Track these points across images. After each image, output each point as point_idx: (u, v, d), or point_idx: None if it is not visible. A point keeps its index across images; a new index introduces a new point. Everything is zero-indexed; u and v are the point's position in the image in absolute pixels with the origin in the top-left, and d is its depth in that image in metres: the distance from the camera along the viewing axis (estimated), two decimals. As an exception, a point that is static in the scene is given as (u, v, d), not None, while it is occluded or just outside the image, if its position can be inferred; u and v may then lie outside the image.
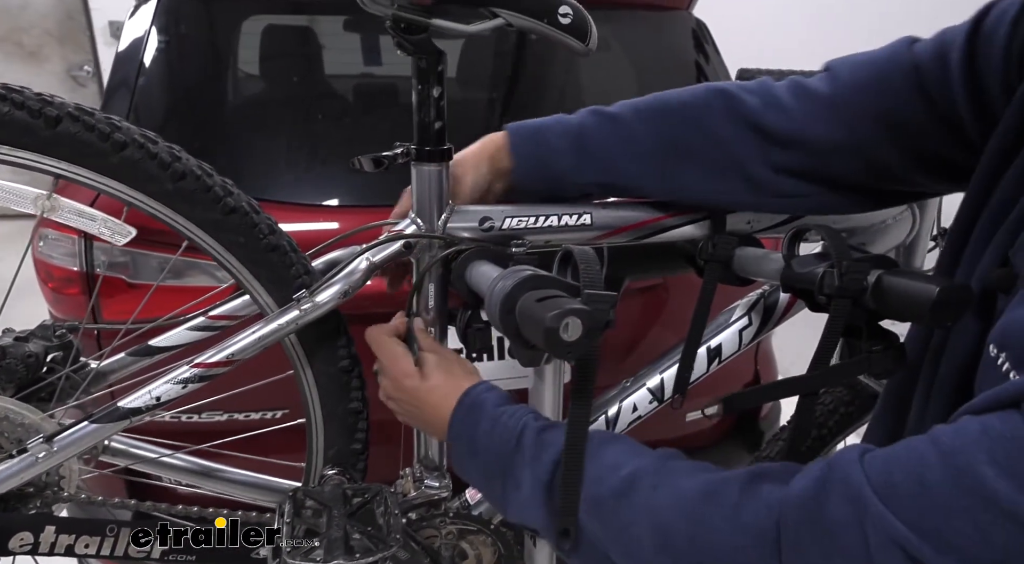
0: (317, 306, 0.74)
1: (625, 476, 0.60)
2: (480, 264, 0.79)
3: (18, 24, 5.11)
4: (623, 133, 0.81)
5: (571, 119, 0.83)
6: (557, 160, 0.82)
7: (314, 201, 1.42)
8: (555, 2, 0.75)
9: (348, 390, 0.82)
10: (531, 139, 0.82)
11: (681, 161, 0.79)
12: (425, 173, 0.79)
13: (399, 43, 0.74)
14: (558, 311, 0.53)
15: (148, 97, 1.47)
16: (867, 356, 0.67)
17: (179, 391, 0.71)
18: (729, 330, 0.94)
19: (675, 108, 0.81)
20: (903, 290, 0.63)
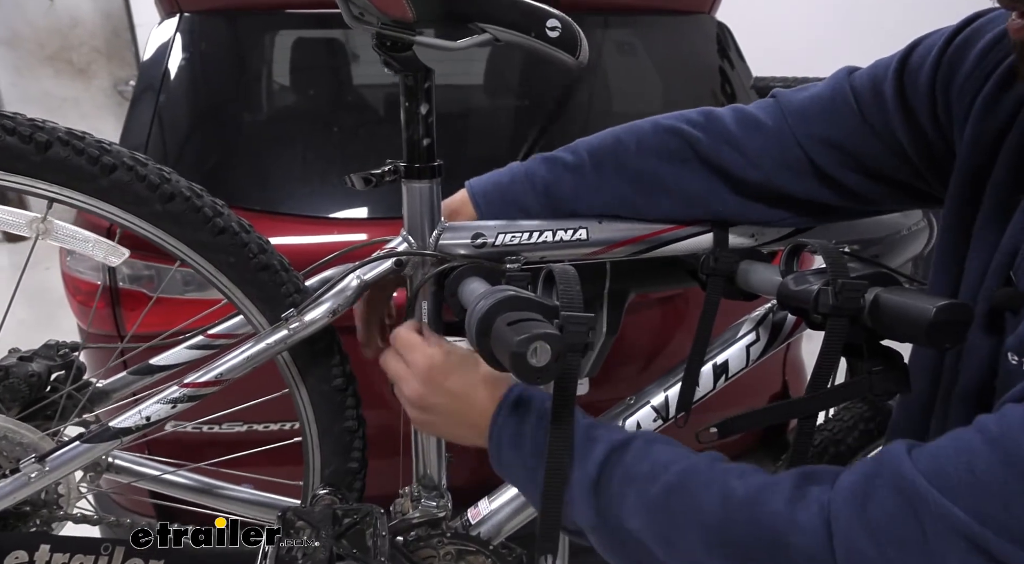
0: (306, 325, 0.74)
1: (676, 472, 0.59)
2: (472, 281, 0.79)
3: (68, 42, 5.30)
4: (588, 182, 0.82)
5: (532, 173, 0.83)
6: (531, 216, 0.83)
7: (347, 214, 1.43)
8: (542, 16, 0.74)
9: (343, 408, 0.82)
10: (499, 201, 0.84)
11: (649, 195, 0.82)
12: (415, 190, 0.78)
13: (385, 61, 0.73)
14: (526, 335, 0.52)
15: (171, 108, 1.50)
16: (867, 377, 0.64)
17: (169, 410, 0.72)
18: (736, 346, 0.91)
19: (631, 153, 0.82)
20: (900, 309, 0.60)
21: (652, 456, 0.61)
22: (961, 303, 0.57)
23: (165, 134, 1.49)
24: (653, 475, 0.60)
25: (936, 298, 0.58)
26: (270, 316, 0.77)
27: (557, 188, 0.82)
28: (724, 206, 0.81)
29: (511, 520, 0.90)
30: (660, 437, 0.65)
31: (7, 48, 5.13)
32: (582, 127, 1.78)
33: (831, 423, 1.00)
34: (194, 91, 1.55)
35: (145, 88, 1.51)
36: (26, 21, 5.12)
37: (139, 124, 1.47)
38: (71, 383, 0.80)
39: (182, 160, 1.49)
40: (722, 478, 0.57)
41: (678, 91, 1.83)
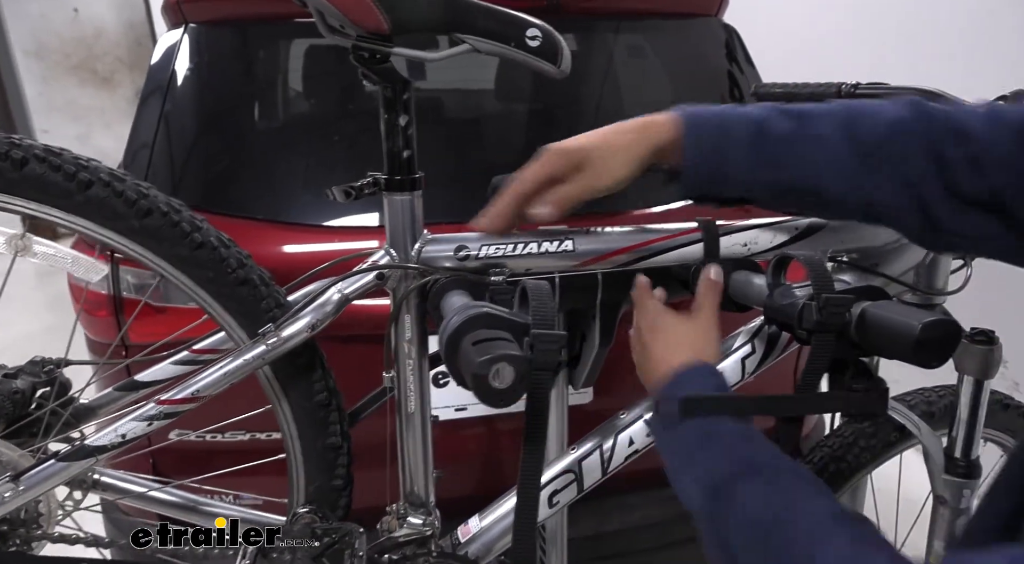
0: (284, 340, 0.73)
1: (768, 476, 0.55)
2: (454, 294, 0.77)
3: (92, 52, 5.39)
4: (807, 132, 0.68)
5: (750, 111, 0.71)
6: (733, 154, 0.69)
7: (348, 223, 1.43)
8: (522, 25, 0.72)
9: (326, 425, 0.81)
10: (714, 129, 0.70)
11: (872, 172, 0.67)
12: (397, 203, 0.77)
13: (363, 74, 0.73)
14: (487, 357, 0.51)
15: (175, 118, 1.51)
16: (846, 394, 0.62)
17: (145, 428, 0.71)
18: (731, 359, 0.88)
19: (865, 117, 0.68)
20: (886, 325, 0.58)
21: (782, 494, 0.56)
22: (948, 319, 0.55)
23: (170, 146, 1.50)
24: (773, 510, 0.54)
25: (923, 313, 0.56)
26: (250, 331, 0.76)
27: (770, 126, 0.69)
28: (935, 211, 0.66)
29: (502, 538, 0.88)
30: (807, 477, 0.58)
31: (34, 59, 5.24)
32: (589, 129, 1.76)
33: (832, 439, 0.97)
34: (199, 101, 1.55)
35: (150, 97, 1.52)
36: (52, 32, 5.22)
37: (142, 138, 1.48)
38: (54, 400, 0.80)
39: (187, 171, 1.50)
40: (812, 502, 0.52)
41: (686, 94, 1.81)
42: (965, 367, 0.88)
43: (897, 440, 0.96)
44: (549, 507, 0.87)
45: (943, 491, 0.92)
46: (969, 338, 0.88)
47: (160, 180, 1.45)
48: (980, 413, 0.89)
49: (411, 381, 0.82)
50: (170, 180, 1.49)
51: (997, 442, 1.07)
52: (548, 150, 0.73)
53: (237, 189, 1.50)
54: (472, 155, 1.69)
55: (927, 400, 0.99)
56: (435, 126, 1.76)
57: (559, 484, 0.88)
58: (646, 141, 0.72)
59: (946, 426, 0.93)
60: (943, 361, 0.56)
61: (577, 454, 0.89)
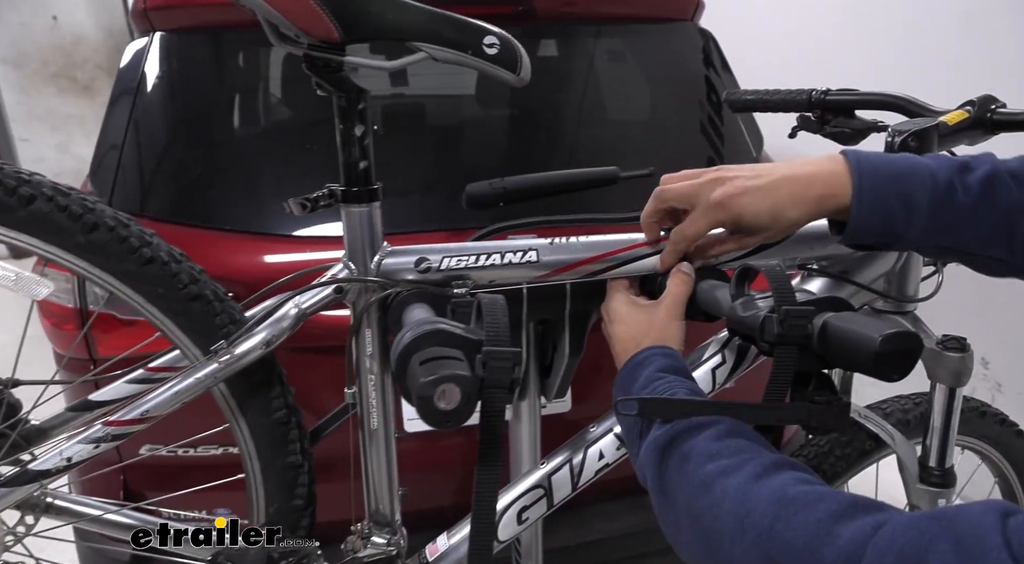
0: (237, 357, 0.71)
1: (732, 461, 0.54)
2: (415, 308, 0.76)
3: (72, 60, 5.34)
4: (995, 205, 0.63)
5: (935, 172, 0.64)
6: (909, 223, 0.64)
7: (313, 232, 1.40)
8: (479, 32, 0.71)
9: (285, 443, 0.79)
10: (891, 186, 0.64)
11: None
12: (355, 215, 0.76)
13: (317, 83, 0.71)
14: (432, 377, 0.49)
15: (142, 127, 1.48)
16: (807, 406, 0.61)
17: (91, 451, 0.69)
18: (701, 369, 0.87)
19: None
20: (847, 337, 0.56)
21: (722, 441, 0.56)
22: (909, 332, 0.53)
23: (137, 155, 1.48)
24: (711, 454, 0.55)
25: (884, 325, 0.54)
26: (204, 348, 0.74)
27: (954, 196, 0.63)
28: None
29: (472, 556, 0.87)
30: (739, 430, 0.58)
31: (12, 67, 5.18)
32: (568, 135, 1.75)
33: (806, 449, 0.96)
34: (166, 109, 1.53)
35: (116, 106, 1.50)
36: (30, 40, 5.16)
37: (109, 146, 1.46)
38: (2, 421, 0.77)
39: (154, 181, 1.47)
40: (775, 476, 0.51)
41: (663, 99, 1.80)
42: (937, 375, 0.87)
43: (872, 449, 0.95)
44: (518, 524, 0.85)
45: (918, 500, 0.91)
46: (941, 345, 0.86)
47: (128, 189, 1.43)
48: (953, 421, 0.88)
49: (373, 397, 0.80)
50: (139, 188, 1.46)
51: (975, 450, 1.06)
52: (715, 204, 0.68)
53: (206, 199, 1.48)
54: (447, 161, 1.67)
55: (902, 408, 0.98)
56: (414, 133, 1.74)
57: (528, 500, 0.86)
58: (819, 212, 0.66)
59: (921, 434, 0.92)
60: (904, 374, 0.54)
61: (546, 469, 0.87)
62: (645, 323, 0.74)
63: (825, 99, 0.99)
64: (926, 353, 0.88)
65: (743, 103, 1.12)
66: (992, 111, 0.85)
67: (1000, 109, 0.85)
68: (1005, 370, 2.09)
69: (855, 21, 2.42)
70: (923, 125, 0.82)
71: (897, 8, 2.23)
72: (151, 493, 1.53)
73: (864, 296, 0.90)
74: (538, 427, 1.04)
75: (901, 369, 0.54)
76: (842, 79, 1.03)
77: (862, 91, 0.97)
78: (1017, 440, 1.07)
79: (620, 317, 0.77)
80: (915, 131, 0.82)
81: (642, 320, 0.74)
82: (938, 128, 0.84)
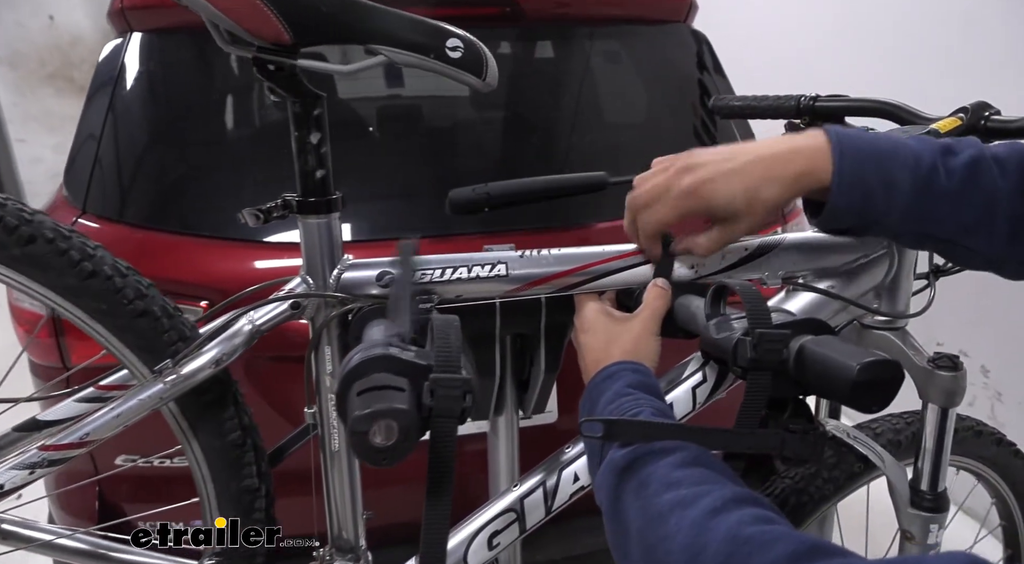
0: (184, 378, 0.67)
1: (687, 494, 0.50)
2: (376, 324, 0.72)
3: (69, 60, 5.31)
4: (979, 189, 0.60)
5: (918, 152, 0.62)
6: (890, 205, 0.61)
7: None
8: (442, 35, 0.67)
9: (240, 465, 0.75)
10: (872, 165, 0.61)
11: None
12: (312, 226, 0.72)
13: (269, 88, 0.67)
14: (367, 411, 0.45)
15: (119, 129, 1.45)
16: (781, 434, 0.57)
17: (25, 477, 0.65)
18: (681, 388, 0.82)
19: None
20: (823, 365, 0.52)
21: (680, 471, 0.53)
22: (888, 361, 0.49)
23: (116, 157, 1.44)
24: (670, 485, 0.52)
25: (863, 353, 0.50)
26: (152, 367, 0.70)
27: (936, 180, 0.60)
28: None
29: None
30: (703, 458, 0.55)
31: (8, 67, 5.15)
32: (557, 139, 1.71)
33: (792, 470, 0.92)
34: (142, 111, 1.49)
35: (92, 106, 1.46)
36: (27, 40, 5.14)
37: (83, 148, 1.42)
38: (-58, 441, 0.73)
39: (130, 185, 1.44)
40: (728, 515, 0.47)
41: (655, 102, 1.76)
42: (929, 395, 0.83)
43: (861, 471, 0.91)
44: (489, 549, 0.82)
45: (909, 525, 0.87)
46: (932, 364, 0.82)
47: (104, 194, 1.40)
48: (946, 443, 0.83)
49: (334, 417, 0.77)
50: (116, 193, 1.43)
51: (971, 471, 1.02)
52: (684, 193, 0.66)
53: (185, 204, 1.44)
54: (436, 164, 1.63)
55: (894, 428, 0.94)
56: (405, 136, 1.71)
57: (500, 524, 0.82)
58: (796, 190, 0.64)
59: (913, 456, 0.87)
60: (883, 405, 0.50)
61: (519, 492, 0.83)
62: (617, 335, 0.70)
63: (814, 106, 0.95)
64: (917, 372, 0.83)
65: (730, 109, 1.08)
66: (986, 118, 0.81)
67: (994, 116, 0.81)
68: (1005, 379, 2.04)
69: (852, 23, 2.38)
70: (913, 133, 0.78)
71: (895, 9, 2.19)
72: (128, 505, 1.50)
73: (852, 311, 0.86)
74: (516, 443, 1.00)
75: (880, 400, 0.50)
76: (839, 81, 0.99)
77: (852, 97, 0.93)
78: (1015, 460, 1.03)
79: (591, 327, 0.73)
80: (905, 139, 0.78)
81: (614, 331, 0.71)
82: (929, 136, 0.80)
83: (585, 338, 0.74)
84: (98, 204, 1.40)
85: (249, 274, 1.34)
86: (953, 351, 0.83)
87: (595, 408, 0.63)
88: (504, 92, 1.79)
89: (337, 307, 0.73)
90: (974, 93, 0.87)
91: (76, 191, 1.40)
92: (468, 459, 1.42)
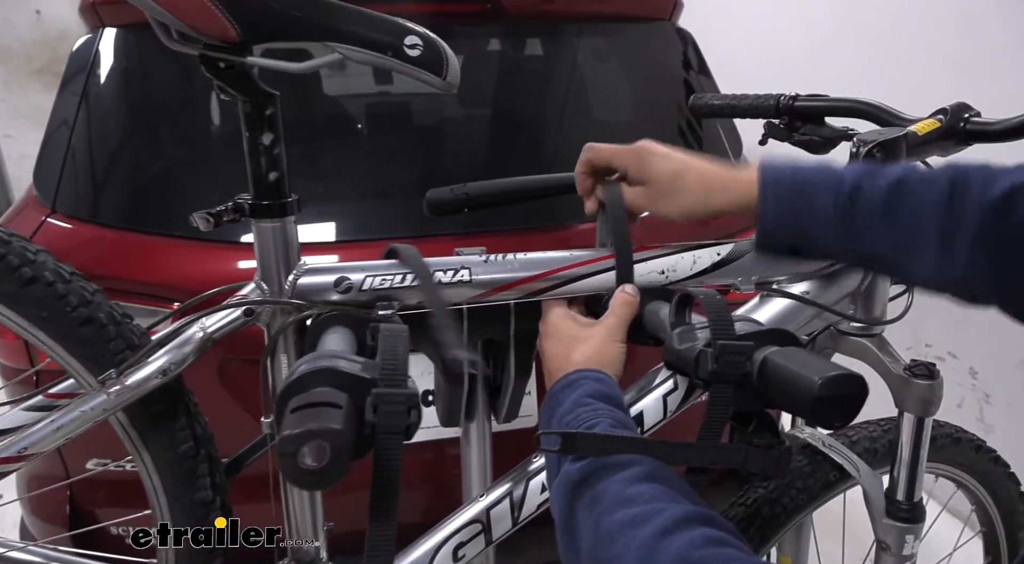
0: (129, 389, 0.65)
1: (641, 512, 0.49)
2: (333, 332, 0.69)
3: (57, 55, 5.25)
4: (904, 204, 0.59)
5: (842, 175, 0.62)
6: (814, 225, 0.63)
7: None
8: (400, 32, 0.64)
9: (194, 477, 0.73)
10: (794, 192, 0.63)
11: (974, 247, 0.55)
12: (266, 230, 0.69)
13: (219, 87, 0.64)
14: (297, 431, 0.42)
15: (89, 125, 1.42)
16: (745, 448, 0.55)
17: (-39, 492, 0.63)
18: (651, 396, 0.80)
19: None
20: (785, 378, 0.50)
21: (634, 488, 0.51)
22: (853, 375, 0.47)
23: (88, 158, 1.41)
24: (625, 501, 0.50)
25: (827, 367, 0.48)
26: (99, 376, 0.68)
27: (860, 198, 0.60)
28: None
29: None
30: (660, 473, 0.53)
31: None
32: (539, 137, 1.69)
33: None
34: (115, 109, 1.46)
35: (62, 104, 1.43)
36: (14, 35, 5.09)
37: (54, 151, 1.40)
38: None
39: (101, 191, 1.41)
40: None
41: (639, 101, 1.74)
42: (905, 404, 0.81)
43: (837, 480, 0.89)
44: (454, 561, 0.79)
45: (885, 536, 0.85)
46: (909, 372, 0.80)
47: (76, 193, 1.37)
48: (922, 453, 0.82)
49: (292, 426, 0.74)
50: (88, 192, 1.40)
51: (950, 478, 1.00)
52: (632, 147, 0.73)
53: (158, 203, 1.41)
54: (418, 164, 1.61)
55: (870, 436, 0.92)
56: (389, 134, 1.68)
57: (465, 536, 0.80)
58: (712, 203, 0.68)
59: (890, 464, 0.86)
60: (847, 421, 0.48)
61: (485, 503, 0.81)
62: (580, 342, 0.68)
63: (793, 106, 0.93)
64: (893, 380, 0.81)
65: (709, 109, 1.06)
66: (966, 120, 0.79)
67: (974, 118, 0.79)
68: (994, 380, 2.03)
69: (846, 22, 2.36)
70: (889, 135, 0.76)
71: (890, 7, 2.16)
72: (100, 511, 1.47)
73: (828, 317, 0.84)
74: (488, 450, 0.98)
75: (843, 415, 0.48)
76: (832, 81, 0.97)
77: (831, 97, 0.91)
78: (994, 467, 1.01)
79: (554, 333, 0.72)
80: (880, 142, 0.76)
81: (577, 338, 0.69)
82: (907, 138, 0.78)
83: (548, 344, 0.72)
84: (68, 203, 1.37)
85: (226, 276, 1.31)
86: (942, 353, 0.82)
87: (552, 418, 0.60)
88: (486, 90, 1.76)
89: (293, 313, 0.70)
90: (970, 93, 0.85)
91: (45, 190, 1.37)
92: (452, 463, 1.40)
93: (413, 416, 0.49)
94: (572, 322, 0.72)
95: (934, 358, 2.05)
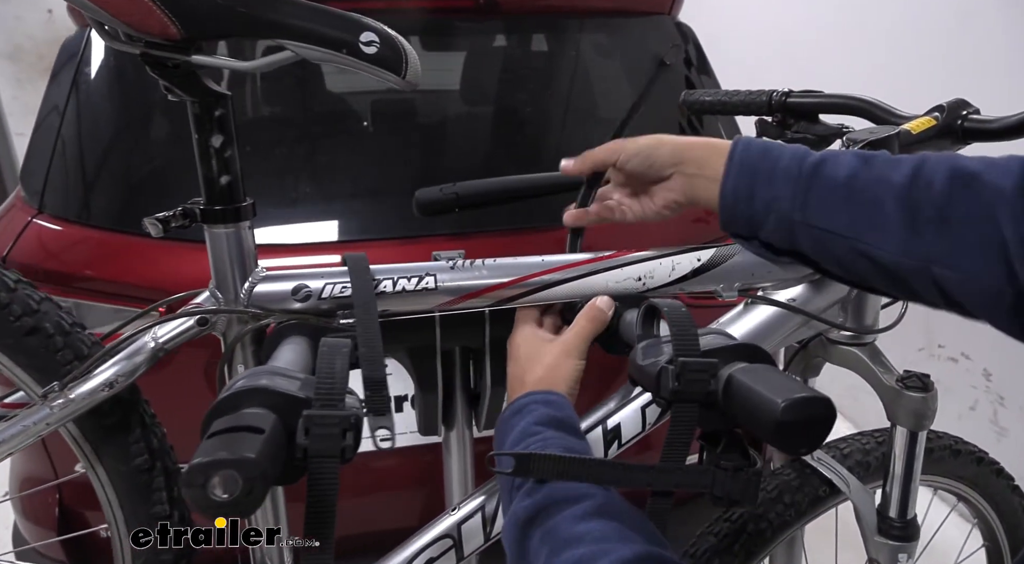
0: (73, 402, 0.62)
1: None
2: (290, 342, 0.66)
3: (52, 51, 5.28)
4: (873, 175, 0.55)
5: (809, 150, 0.60)
6: (774, 187, 0.59)
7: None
8: (355, 28, 0.61)
9: (149, 492, 0.70)
10: (758, 162, 0.60)
11: (939, 226, 0.50)
12: (220, 236, 0.66)
13: (165, 87, 0.62)
14: (206, 460, 0.39)
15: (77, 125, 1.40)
16: (712, 473, 0.51)
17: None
18: (629, 408, 0.77)
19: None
20: (748, 399, 0.47)
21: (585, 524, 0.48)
22: (820, 398, 0.43)
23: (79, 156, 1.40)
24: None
25: (793, 388, 0.44)
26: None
27: (830, 168, 0.56)
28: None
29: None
30: (611, 507, 0.50)
31: (8, 61, 5.12)
32: (534, 134, 1.65)
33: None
34: (104, 108, 1.45)
35: (49, 103, 1.42)
36: (26, 34, 5.11)
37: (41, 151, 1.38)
38: None
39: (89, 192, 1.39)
40: None
41: (637, 96, 1.70)
42: (897, 417, 0.77)
43: (827, 495, 0.85)
44: None
45: (876, 554, 0.81)
46: (901, 383, 0.76)
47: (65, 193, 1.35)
48: (916, 468, 0.77)
49: (252, 438, 0.71)
50: (77, 193, 1.38)
51: (950, 491, 0.96)
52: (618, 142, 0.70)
53: (144, 204, 1.39)
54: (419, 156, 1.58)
55: (863, 448, 0.88)
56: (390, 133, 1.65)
57: (435, 551, 0.77)
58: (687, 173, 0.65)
59: (882, 478, 0.81)
60: (813, 447, 0.45)
61: (456, 517, 0.78)
62: (535, 360, 0.65)
63: (786, 102, 0.89)
64: (884, 391, 0.77)
65: (701, 105, 1.02)
66: (963, 118, 0.74)
67: (972, 115, 0.74)
68: (1008, 381, 1.97)
69: (849, 18, 2.30)
70: (881, 134, 0.72)
71: (889, 4, 2.11)
72: (90, 513, 1.46)
73: (817, 325, 0.80)
74: (469, 458, 0.95)
75: (809, 441, 0.44)
76: (834, 78, 0.93)
77: (825, 94, 0.86)
78: (998, 480, 0.96)
79: (515, 353, 0.69)
80: (871, 140, 0.72)
81: (532, 357, 0.66)
82: (899, 137, 0.73)
83: (509, 367, 0.69)
84: (56, 204, 1.35)
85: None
86: (955, 354, 0.78)
87: (503, 447, 0.57)
88: (480, 87, 1.73)
89: (250, 322, 0.68)
90: (970, 93, 0.81)
91: (32, 190, 1.36)
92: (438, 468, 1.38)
93: (349, 438, 0.46)
94: (533, 339, 0.69)
95: (947, 359, 1.99)
